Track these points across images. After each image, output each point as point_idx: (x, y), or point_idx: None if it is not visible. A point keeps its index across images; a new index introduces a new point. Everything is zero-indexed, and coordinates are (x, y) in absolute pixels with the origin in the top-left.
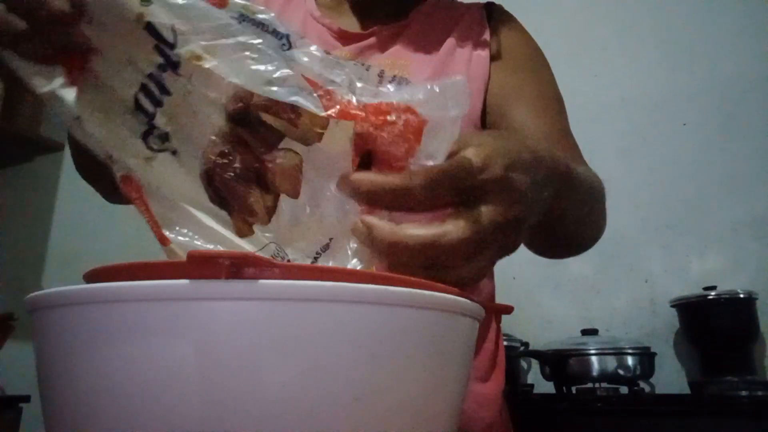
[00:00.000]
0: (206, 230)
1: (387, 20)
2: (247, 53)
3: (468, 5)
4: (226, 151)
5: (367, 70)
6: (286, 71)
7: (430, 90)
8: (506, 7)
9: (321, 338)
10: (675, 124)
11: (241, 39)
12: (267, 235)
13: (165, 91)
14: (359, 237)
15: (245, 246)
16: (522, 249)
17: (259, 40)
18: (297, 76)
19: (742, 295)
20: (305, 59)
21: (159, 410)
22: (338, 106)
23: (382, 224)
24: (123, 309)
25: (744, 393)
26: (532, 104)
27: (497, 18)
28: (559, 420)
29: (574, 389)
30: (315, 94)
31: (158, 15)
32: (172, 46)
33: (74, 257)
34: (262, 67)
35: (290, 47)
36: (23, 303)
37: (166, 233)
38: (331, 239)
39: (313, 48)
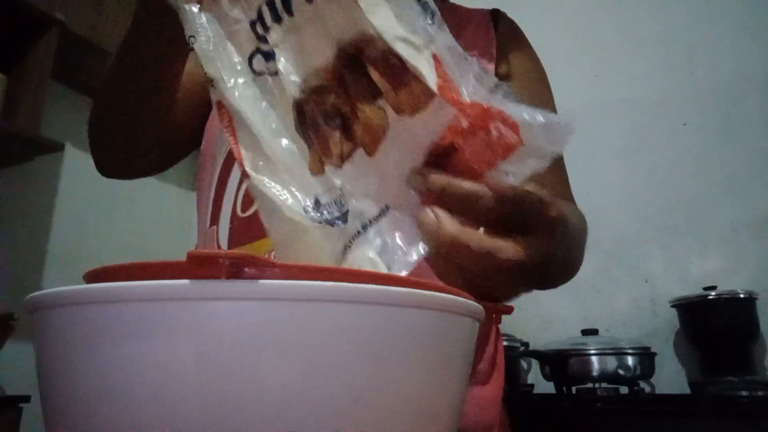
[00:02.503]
0: (281, 166)
1: None
2: (394, 3)
3: (473, 11)
4: (324, 86)
5: (485, 73)
6: (422, 38)
7: (538, 117)
8: (507, 8)
9: (321, 338)
10: (675, 124)
11: None
12: (336, 181)
13: (289, 10)
14: (426, 225)
15: (316, 186)
16: None
17: (412, 1)
18: (428, 48)
19: (742, 295)
20: (440, 40)
21: (159, 410)
22: (449, 91)
23: (452, 221)
24: (123, 309)
25: (744, 393)
26: None
27: (503, 29)
28: (560, 420)
29: (574, 389)
30: (434, 71)
31: None
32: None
33: (74, 257)
34: (401, 22)
35: (432, 24)
36: (23, 303)
37: (248, 169)
38: (387, 206)
39: (447, 33)
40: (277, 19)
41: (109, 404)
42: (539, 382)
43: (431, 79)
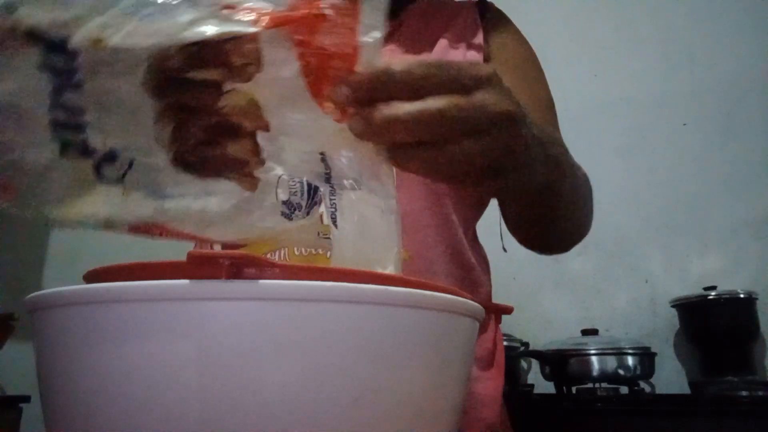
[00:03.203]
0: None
1: None
2: (149, 9)
3: (461, 3)
4: (175, 126)
5: None
6: (199, 9)
7: None
8: (507, 8)
9: (321, 338)
10: (675, 124)
11: None
12: (273, 173)
13: (78, 111)
14: (356, 128)
15: (266, 194)
16: (522, 249)
17: None
18: (212, 6)
19: (742, 295)
20: None
21: (159, 410)
22: (267, 17)
23: (375, 108)
24: (123, 309)
25: (744, 393)
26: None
27: (490, 18)
28: (560, 420)
29: (574, 389)
30: (239, 16)
31: (33, 16)
32: (63, 43)
33: (74, 257)
34: (171, 17)
35: None
36: (23, 303)
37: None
38: (323, 153)
39: None
40: (78, 126)
41: (109, 404)
42: (539, 382)
43: (243, 26)
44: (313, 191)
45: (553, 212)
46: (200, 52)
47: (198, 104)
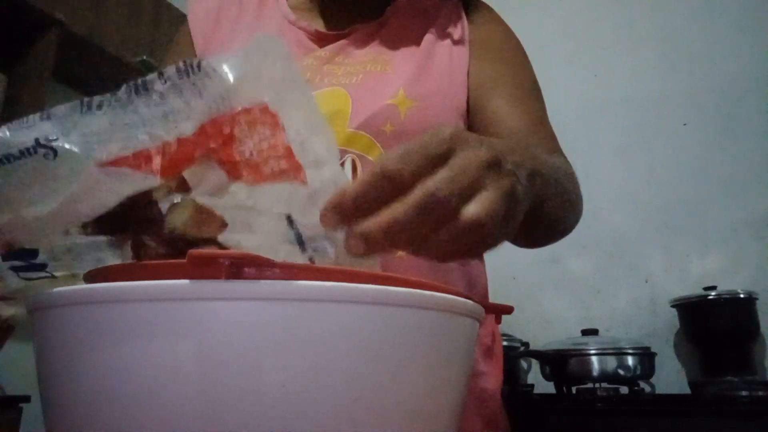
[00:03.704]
0: None
1: (362, 19)
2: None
3: None
4: (133, 251)
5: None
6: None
7: (243, 63)
8: (507, 8)
9: (321, 338)
10: (675, 124)
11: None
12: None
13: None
14: (355, 249)
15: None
16: (522, 249)
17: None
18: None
19: (742, 295)
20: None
21: (159, 410)
22: (160, 166)
23: (368, 222)
24: (123, 309)
25: (744, 393)
26: (508, 95)
27: (473, 9)
28: (560, 420)
29: (574, 389)
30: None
31: None
32: None
33: None
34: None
35: (56, 155)
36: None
37: None
38: (288, 215)
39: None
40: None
41: (109, 404)
42: (539, 382)
43: (149, 183)
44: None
45: (539, 221)
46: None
47: (144, 231)
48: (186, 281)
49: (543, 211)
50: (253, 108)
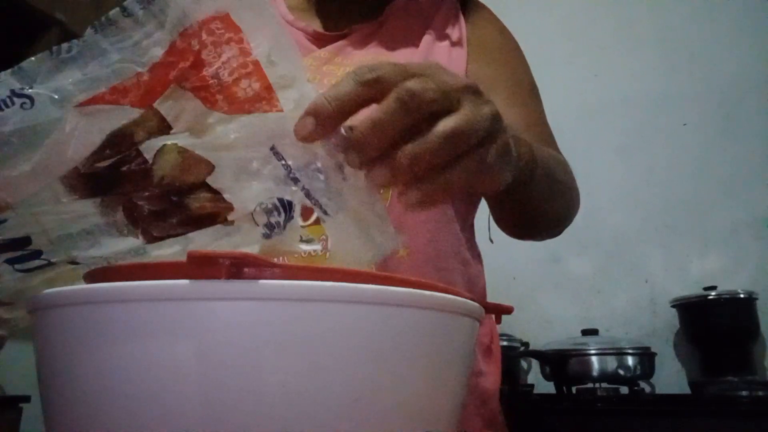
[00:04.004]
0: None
1: (361, 19)
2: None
3: None
4: (126, 215)
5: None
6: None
7: None
8: (507, 8)
9: (321, 338)
10: (675, 124)
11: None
12: (245, 208)
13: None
14: (380, 178)
15: (246, 234)
16: (522, 249)
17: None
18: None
19: (742, 295)
20: (70, 90)
21: (159, 410)
22: (137, 93)
23: (399, 151)
24: (123, 309)
25: (744, 393)
26: (506, 94)
27: (471, 9)
28: (560, 420)
29: (574, 389)
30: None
31: None
32: None
33: None
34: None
35: (33, 103)
36: (23, 303)
37: None
38: (271, 147)
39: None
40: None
41: (109, 404)
42: (539, 382)
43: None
44: (288, 207)
45: (529, 201)
46: (103, 148)
47: (134, 186)
48: (186, 281)
49: (532, 193)
50: (215, 18)
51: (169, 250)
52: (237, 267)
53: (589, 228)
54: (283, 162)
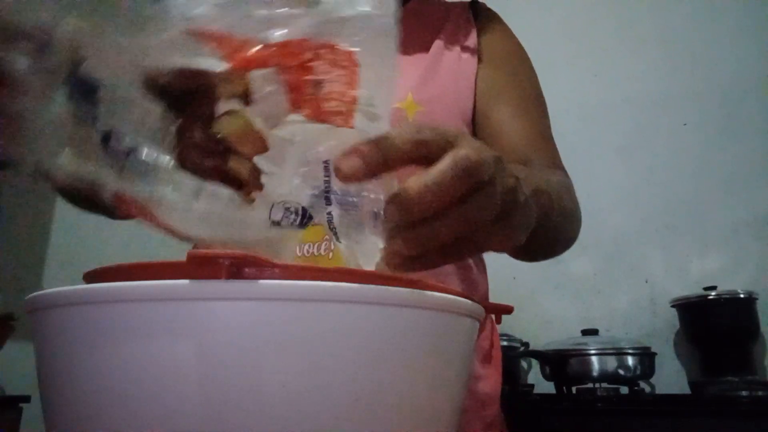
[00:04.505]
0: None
1: None
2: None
3: (453, 4)
4: (174, 132)
5: None
6: (165, 32)
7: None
8: (507, 8)
9: (321, 338)
10: (675, 124)
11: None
12: (278, 192)
13: (93, 87)
14: (394, 262)
15: (263, 209)
16: None
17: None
18: (182, 33)
19: (742, 295)
20: (197, 9)
21: (159, 410)
22: (242, 55)
23: (422, 228)
24: (123, 309)
25: (744, 393)
26: (513, 106)
27: (483, 18)
28: (560, 420)
29: (574, 389)
30: (208, 49)
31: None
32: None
33: (74, 257)
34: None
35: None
36: (23, 303)
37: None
38: (326, 162)
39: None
40: (92, 102)
41: (109, 404)
42: (539, 382)
43: (208, 63)
44: (305, 218)
45: (537, 226)
46: (189, 76)
47: (196, 115)
48: (186, 281)
49: (545, 225)
50: (339, 50)
51: (172, 195)
52: (237, 267)
53: (589, 228)
54: (327, 179)
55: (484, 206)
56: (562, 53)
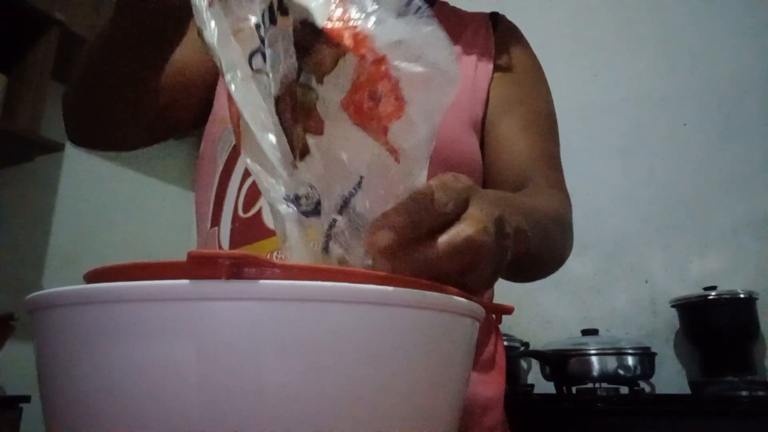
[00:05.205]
0: (267, 162)
1: None
2: None
3: (473, 14)
4: (292, 80)
5: None
6: None
7: (417, 69)
8: (507, 8)
9: (321, 338)
10: (675, 124)
11: None
12: (305, 174)
13: (284, 10)
14: (386, 267)
15: (295, 181)
16: None
17: None
18: None
19: (742, 295)
20: None
21: (159, 410)
22: (338, 27)
23: (417, 249)
24: (123, 309)
25: (744, 393)
26: (522, 121)
27: (502, 30)
28: (560, 420)
29: (574, 389)
30: (330, 8)
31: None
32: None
33: (74, 257)
34: None
35: None
36: (23, 303)
37: (246, 158)
38: (361, 177)
39: None
40: (273, 21)
41: (109, 404)
42: (539, 382)
43: (319, 17)
44: (314, 211)
45: (518, 261)
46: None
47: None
48: (186, 281)
49: (526, 260)
50: (398, 72)
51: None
52: (237, 267)
53: (589, 228)
54: (353, 193)
55: (475, 281)
56: (562, 53)
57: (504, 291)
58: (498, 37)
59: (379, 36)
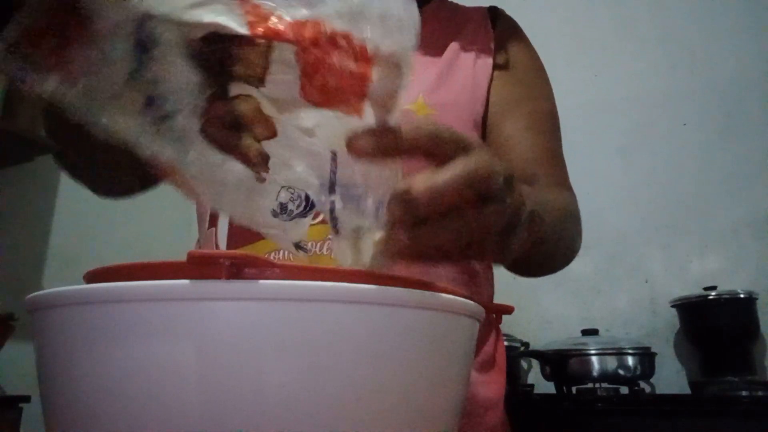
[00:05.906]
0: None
1: None
2: None
3: (472, 9)
4: (204, 103)
5: None
6: None
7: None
8: (507, 7)
9: (321, 338)
10: (675, 124)
11: None
12: (276, 177)
13: (146, 49)
14: (394, 212)
15: (271, 192)
16: None
17: None
18: None
19: (742, 295)
20: None
21: (159, 410)
22: (264, 24)
23: (425, 228)
24: (123, 309)
25: (744, 393)
26: (525, 120)
27: (502, 26)
28: (560, 420)
29: (574, 389)
30: (238, 12)
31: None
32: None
33: (74, 257)
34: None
35: None
36: (23, 303)
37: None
38: (334, 152)
39: None
40: (144, 62)
41: (109, 404)
42: (539, 382)
43: (236, 23)
44: (309, 205)
45: (530, 251)
46: (216, 46)
47: (223, 89)
48: (186, 281)
49: (537, 251)
50: (355, 41)
51: (197, 163)
52: (237, 267)
53: (589, 228)
54: (333, 171)
55: (488, 220)
56: (562, 53)
57: (504, 291)
58: (497, 34)
59: (316, 14)
